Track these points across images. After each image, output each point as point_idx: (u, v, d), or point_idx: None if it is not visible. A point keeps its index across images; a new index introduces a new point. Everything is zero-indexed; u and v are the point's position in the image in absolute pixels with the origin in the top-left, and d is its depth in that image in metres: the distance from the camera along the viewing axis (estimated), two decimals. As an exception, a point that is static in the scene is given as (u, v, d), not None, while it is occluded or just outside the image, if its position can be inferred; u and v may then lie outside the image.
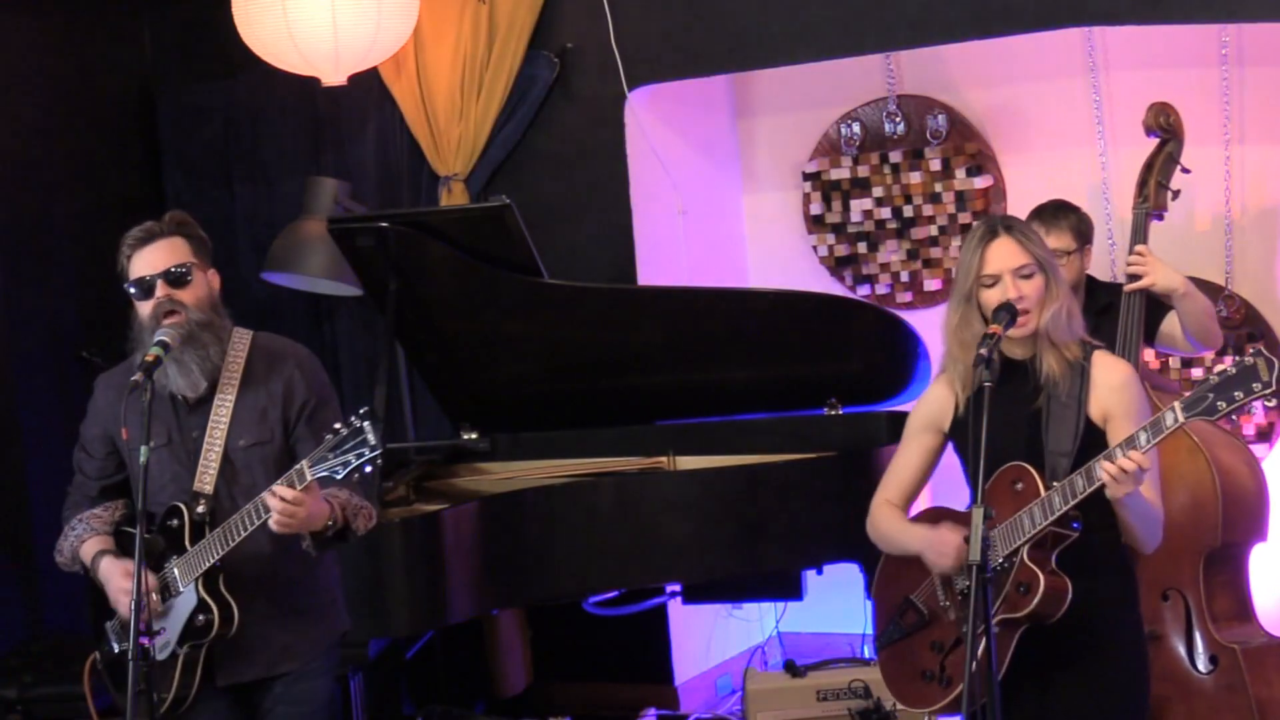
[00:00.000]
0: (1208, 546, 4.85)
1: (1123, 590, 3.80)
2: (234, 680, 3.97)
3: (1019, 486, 3.67)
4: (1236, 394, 3.31)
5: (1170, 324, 4.79)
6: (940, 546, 3.79)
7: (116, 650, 4.02)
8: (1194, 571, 4.85)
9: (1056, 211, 5.00)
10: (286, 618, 3.97)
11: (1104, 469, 3.49)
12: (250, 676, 3.99)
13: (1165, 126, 4.92)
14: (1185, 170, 4.92)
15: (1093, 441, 3.67)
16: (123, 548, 4.02)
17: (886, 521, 3.98)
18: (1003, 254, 3.70)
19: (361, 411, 3.68)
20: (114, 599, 3.95)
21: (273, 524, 3.74)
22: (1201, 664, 4.84)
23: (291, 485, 3.71)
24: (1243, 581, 4.99)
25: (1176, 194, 4.93)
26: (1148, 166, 4.93)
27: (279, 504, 3.71)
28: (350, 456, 3.66)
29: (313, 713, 4.05)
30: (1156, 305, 4.81)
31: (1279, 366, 3.29)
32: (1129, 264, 4.73)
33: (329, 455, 3.68)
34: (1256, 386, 3.29)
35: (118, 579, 3.92)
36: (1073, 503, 3.58)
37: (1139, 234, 4.84)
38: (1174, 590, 4.86)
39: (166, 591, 3.90)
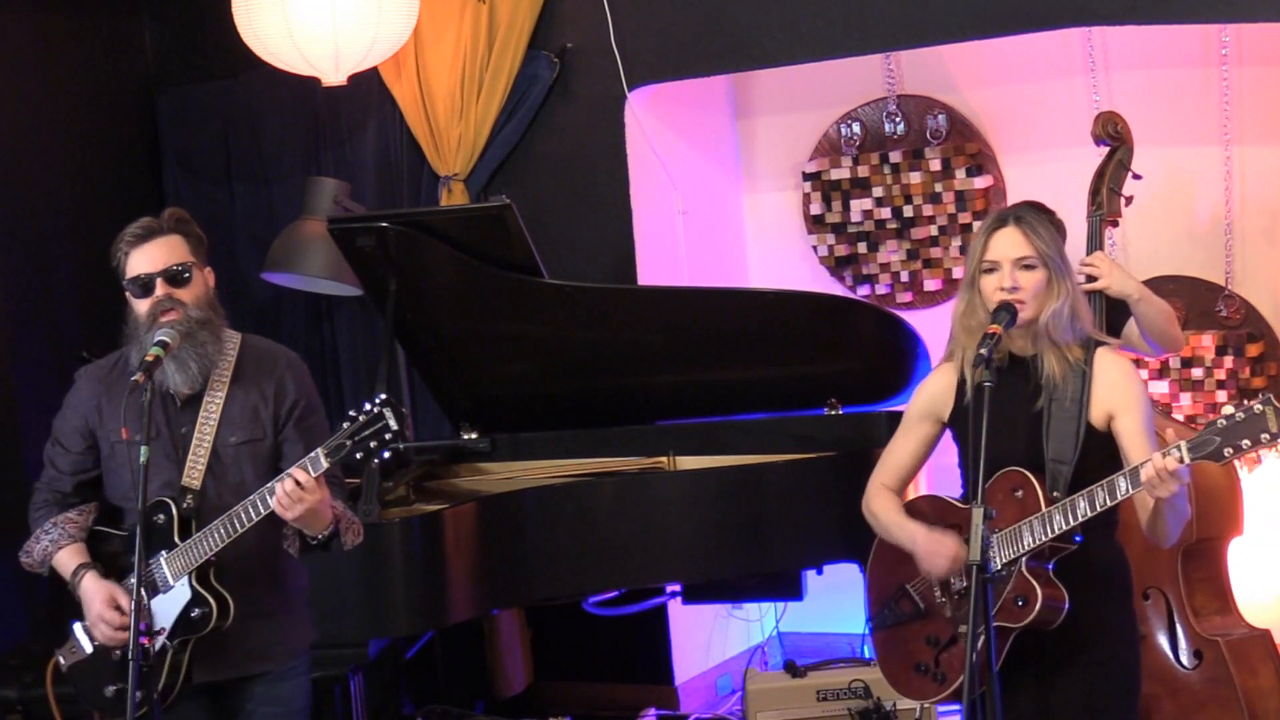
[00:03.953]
0: (1184, 543, 4.87)
1: (1120, 595, 3.79)
2: (211, 677, 3.95)
3: (1019, 494, 3.65)
4: (1243, 442, 3.38)
5: (1130, 327, 4.82)
6: (936, 550, 3.78)
7: (90, 652, 3.98)
8: (1173, 569, 4.90)
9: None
10: (260, 618, 3.96)
11: (1144, 473, 3.47)
12: (225, 674, 3.97)
13: (1114, 134, 4.99)
14: (1136, 176, 4.99)
15: (1095, 448, 3.64)
16: (96, 552, 3.99)
17: (884, 511, 3.98)
18: (1006, 243, 3.71)
19: (380, 398, 3.69)
20: (92, 622, 3.91)
21: (275, 505, 3.74)
22: (1186, 659, 4.89)
23: (306, 471, 3.73)
24: (1221, 576, 5.05)
25: (1130, 200, 4.99)
26: (1099, 175, 4.98)
27: (292, 486, 3.70)
28: (371, 442, 3.68)
29: (295, 712, 4.06)
30: (1120, 307, 4.82)
31: None
32: (1082, 265, 4.75)
33: (346, 442, 3.70)
34: (1265, 436, 3.36)
35: (99, 605, 3.89)
36: (1075, 524, 3.57)
37: (1095, 241, 4.86)
38: (1154, 589, 4.91)
39: (154, 589, 3.87)
